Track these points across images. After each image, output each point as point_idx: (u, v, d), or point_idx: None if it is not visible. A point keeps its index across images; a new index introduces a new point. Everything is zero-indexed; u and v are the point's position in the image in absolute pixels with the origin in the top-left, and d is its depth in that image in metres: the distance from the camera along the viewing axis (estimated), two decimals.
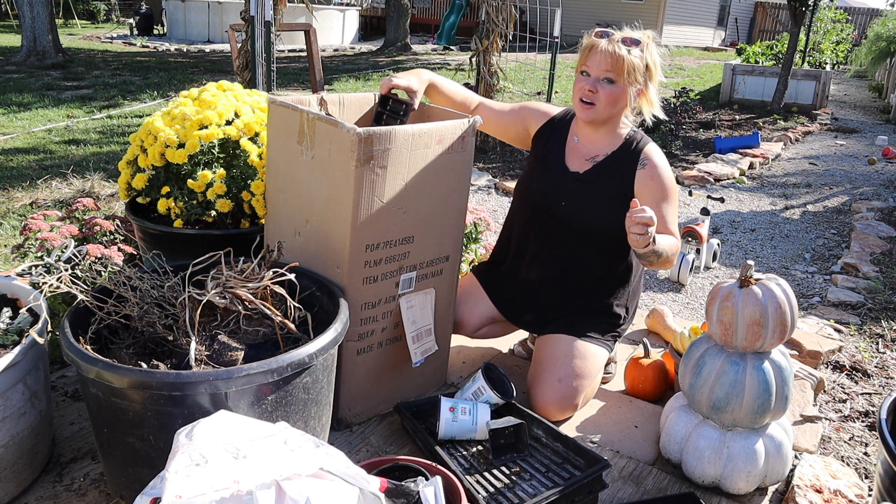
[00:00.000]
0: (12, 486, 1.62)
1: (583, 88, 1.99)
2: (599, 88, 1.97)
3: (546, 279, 2.19)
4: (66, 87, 8.45)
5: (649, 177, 2.05)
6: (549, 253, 2.18)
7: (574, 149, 2.15)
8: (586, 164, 2.12)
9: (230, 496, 1.04)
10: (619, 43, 1.94)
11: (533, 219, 2.20)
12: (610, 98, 1.98)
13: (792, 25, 8.93)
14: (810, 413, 2.20)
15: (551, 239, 2.16)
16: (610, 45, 1.94)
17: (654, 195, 2.03)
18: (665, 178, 2.06)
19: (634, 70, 1.95)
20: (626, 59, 1.93)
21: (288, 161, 1.92)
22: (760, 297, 1.73)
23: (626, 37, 1.96)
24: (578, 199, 2.10)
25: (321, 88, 6.02)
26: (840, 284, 3.63)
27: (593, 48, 1.97)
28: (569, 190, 2.11)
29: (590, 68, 1.98)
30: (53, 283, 1.60)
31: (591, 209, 2.09)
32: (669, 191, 2.05)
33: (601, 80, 1.97)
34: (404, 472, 1.54)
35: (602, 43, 1.95)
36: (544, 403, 2.03)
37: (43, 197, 4.26)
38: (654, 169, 2.06)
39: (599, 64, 1.95)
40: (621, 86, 1.97)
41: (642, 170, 2.06)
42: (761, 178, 6.18)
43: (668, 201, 2.04)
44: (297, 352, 1.47)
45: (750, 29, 22.65)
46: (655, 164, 2.06)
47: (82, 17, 18.01)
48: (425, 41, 17.11)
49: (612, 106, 2.01)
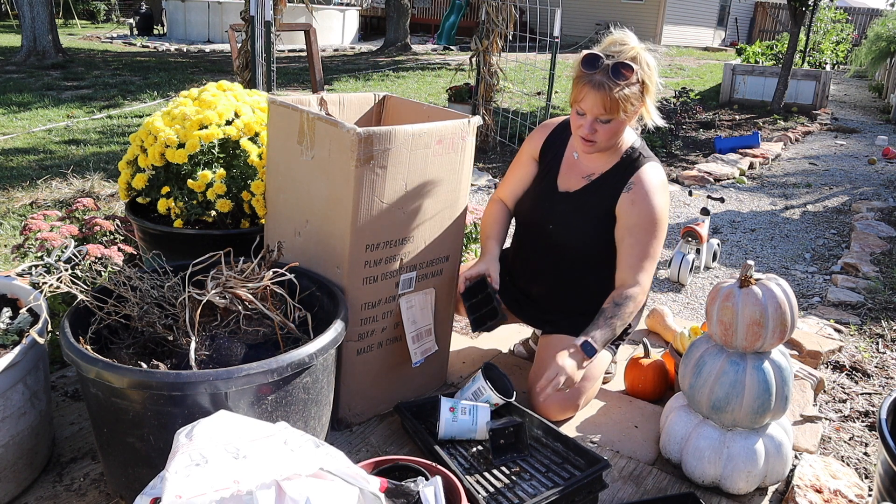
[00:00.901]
0: (12, 486, 1.62)
1: (581, 128, 1.91)
2: (598, 128, 1.89)
3: (542, 294, 2.21)
4: (66, 87, 8.45)
5: (630, 202, 1.97)
6: (543, 269, 2.18)
7: (572, 166, 2.10)
8: (581, 182, 2.07)
9: (230, 496, 1.04)
10: (609, 78, 1.82)
11: (526, 236, 2.22)
12: (609, 133, 1.91)
13: (792, 25, 8.93)
14: (810, 413, 2.20)
15: (544, 256, 2.17)
16: (601, 88, 1.82)
17: (631, 220, 1.96)
18: (648, 205, 1.95)
19: (629, 101, 1.85)
20: (618, 98, 1.83)
21: (288, 161, 1.92)
22: (760, 297, 1.73)
23: (618, 63, 1.82)
24: (565, 222, 2.07)
25: (321, 88, 6.02)
26: (840, 284, 3.63)
27: (584, 90, 1.85)
28: (556, 211, 2.09)
29: (584, 109, 1.88)
30: (53, 283, 1.60)
31: (579, 232, 2.05)
32: (649, 220, 1.95)
33: (598, 120, 1.88)
34: (404, 472, 1.54)
35: (592, 87, 1.83)
36: (545, 405, 2.03)
37: (43, 197, 4.25)
38: (639, 194, 1.96)
39: (592, 108, 1.86)
40: (619, 120, 1.89)
41: (627, 193, 1.98)
42: (761, 178, 6.18)
43: (645, 230, 1.95)
44: (297, 352, 1.47)
45: (750, 29, 22.66)
46: (643, 188, 1.96)
47: (82, 17, 18.01)
48: (425, 41, 17.11)
49: (613, 138, 1.94)
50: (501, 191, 2.25)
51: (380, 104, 2.30)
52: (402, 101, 2.28)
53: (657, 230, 1.97)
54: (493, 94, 6.09)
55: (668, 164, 6.27)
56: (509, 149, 6.34)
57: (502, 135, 6.60)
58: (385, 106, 2.30)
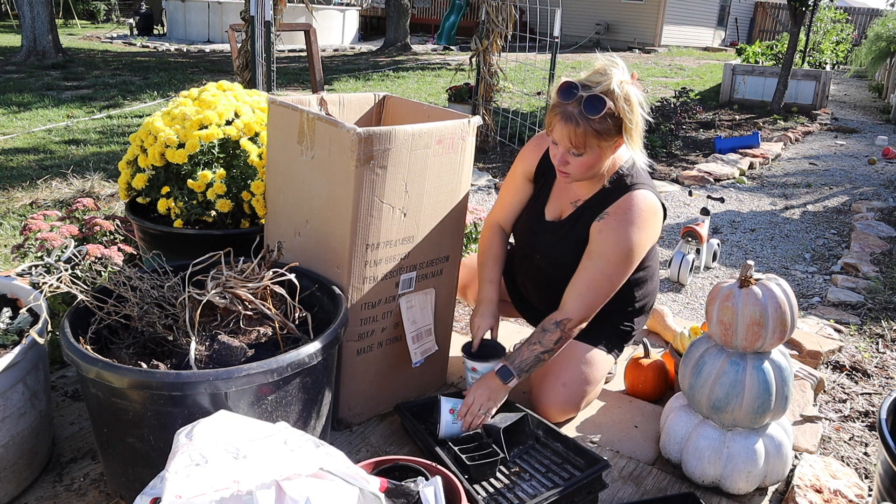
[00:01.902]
0: (12, 487, 1.62)
1: (555, 157, 1.85)
2: (569, 160, 1.82)
3: (539, 304, 2.20)
4: (66, 87, 8.45)
5: (598, 230, 1.88)
6: (538, 288, 2.18)
7: (563, 191, 2.03)
8: (568, 209, 2.01)
9: (230, 496, 1.04)
10: (580, 112, 1.73)
11: (517, 260, 2.23)
12: (582, 167, 1.83)
13: (792, 25, 8.93)
14: (810, 413, 2.20)
15: (532, 285, 2.19)
16: (569, 121, 1.74)
17: (592, 247, 1.88)
18: (614, 236, 1.85)
19: (601, 135, 1.75)
20: (585, 134, 1.74)
21: (288, 161, 1.92)
22: (760, 297, 1.73)
23: (591, 97, 1.72)
24: (550, 252, 2.03)
25: (321, 88, 6.02)
26: (840, 284, 3.63)
27: (554, 119, 1.78)
28: (541, 241, 2.06)
29: (556, 139, 1.81)
30: (53, 283, 1.60)
31: (563, 262, 1.98)
32: (612, 251, 1.85)
33: (570, 152, 1.80)
34: (404, 472, 1.54)
35: (562, 117, 1.76)
36: (547, 405, 2.03)
37: (43, 197, 4.25)
38: (609, 224, 1.87)
39: (563, 140, 1.78)
40: (591, 154, 1.80)
41: (598, 222, 1.89)
42: (761, 178, 6.18)
43: (604, 259, 1.86)
44: (297, 352, 1.47)
45: (750, 29, 22.65)
46: (615, 221, 1.86)
47: (82, 17, 18.01)
48: (425, 41, 17.11)
49: (588, 171, 1.85)
50: (497, 214, 2.18)
51: (380, 104, 2.30)
52: (401, 101, 2.28)
53: (617, 263, 1.86)
54: (493, 94, 6.09)
55: (668, 164, 6.27)
56: (509, 149, 6.34)
57: (502, 135, 6.60)
58: (385, 106, 2.30)
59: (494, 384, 1.88)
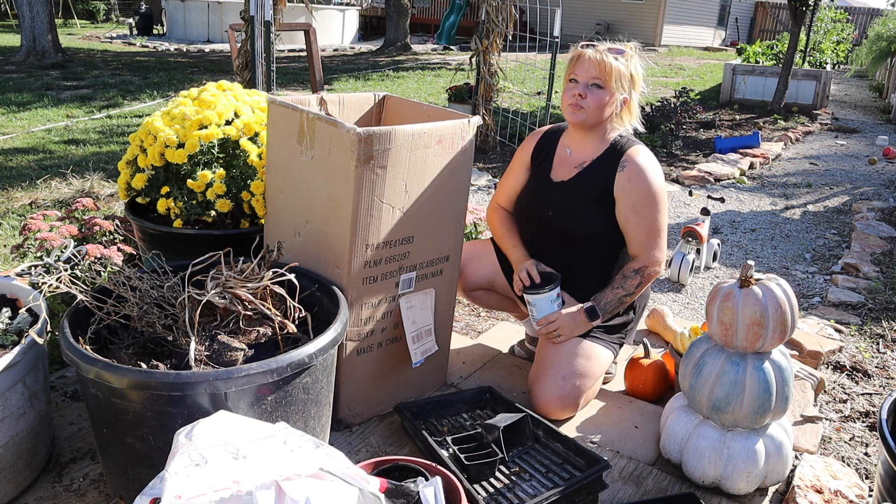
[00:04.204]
0: (12, 487, 1.61)
1: (572, 94, 2.04)
2: (588, 94, 2.01)
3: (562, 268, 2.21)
4: (65, 87, 8.45)
5: (627, 179, 2.04)
6: (547, 254, 2.19)
7: (565, 160, 2.18)
8: (573, 171, 2.14)
9: (230, 496, 1.04)
10: (605, 52, 2.01)
11: (527, 229, 2.25)
12: (598, 102, 2.02)
13: (792, 25, 8.93)
14: (811, 413, 2.19)
15: (547, 247, 2.20)
16: (597, 53, 2.01)
17: (631, 198, 2.04)
18: (645, 180, 2.04)
19: (620, 76, 2.01)
20: (612, 65, 1.99)
21: (288, 161, 1.92)
22: (761, 297, 1.73)
23: (611, 47, 2.03)
24: (563, 208, 2.13)
25: (321, 88, 6.02)
26: (840, 284, 3.63)
27: (580, 57, 2.03)
28: (553, 199, 2.15)
29: (578, 76, 2.03)
30: (53, 283, 1.60)
31: (577, 215, 2.11)
32: (648, 194, 2.04)
33: (589, 85, 2.01)
34: (404, 473, 1.54)
35: (589, 52, 2.02)
36: (546, 402, 2.03)
37: (42, 197, 4.25)
38: (634, 171, 2.04)
39: (588, 71, 2.01)
40: (609, 91, 2.01)
41: (621, 172, 2.05)
42: (761, 178, 6.18)
43: (647, 205, 2.03)
44: (297, 352, 1.47)
45: (750, 29, 22.65)
46: (637, 165, 2.05)
47: (82, 16, 18.01)
48: (425, 41, 17.11)
49: (600, 110, 2.03)
50: (499, 197, 2.34)
51: (380, 104, 2.29)
52: (401, 101, 2.28)
53: (659, 204, 2.05)
54: (493, 93, 6.09)
55: (669, 164, 6.27)
56: (509, 149, 6.34)
57: (502, 135, 6.60)
58: (385, 106, 2.30)
59: (580, 318, 2.07)
